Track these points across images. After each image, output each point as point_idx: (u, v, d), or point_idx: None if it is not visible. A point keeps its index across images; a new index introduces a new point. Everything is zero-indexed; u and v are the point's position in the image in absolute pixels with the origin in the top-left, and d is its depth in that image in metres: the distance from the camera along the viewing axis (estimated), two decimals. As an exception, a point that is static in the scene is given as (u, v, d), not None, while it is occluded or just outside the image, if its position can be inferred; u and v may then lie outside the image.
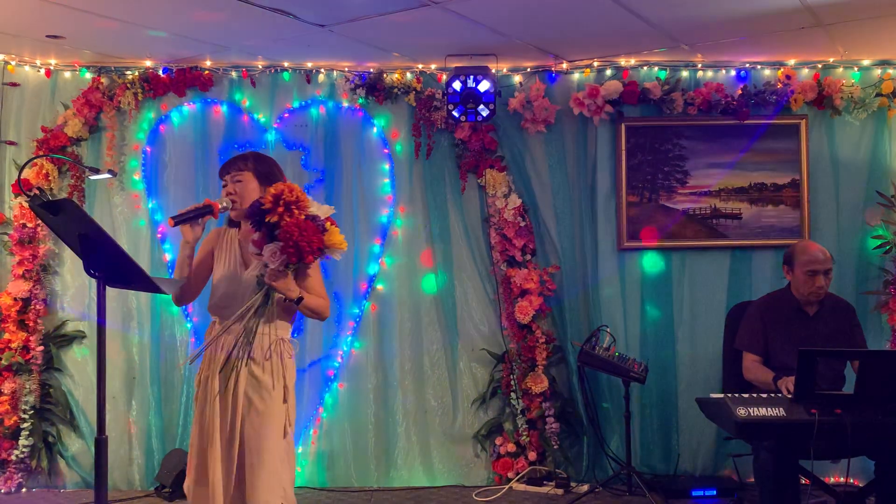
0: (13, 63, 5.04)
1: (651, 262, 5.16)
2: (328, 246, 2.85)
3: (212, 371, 2.97)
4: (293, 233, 2.75)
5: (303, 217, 2.80)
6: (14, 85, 5.06)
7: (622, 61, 5.12)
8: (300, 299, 2.90)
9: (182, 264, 3.07)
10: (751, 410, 3.30)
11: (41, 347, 4.93)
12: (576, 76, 5.20)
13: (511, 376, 5.08)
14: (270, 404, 2.93)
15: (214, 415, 2.93)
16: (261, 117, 5.17)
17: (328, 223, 2.87)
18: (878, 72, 5.09)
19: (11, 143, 5.06)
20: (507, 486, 4.94)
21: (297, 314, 3.07)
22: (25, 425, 4.86)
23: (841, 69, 5.11)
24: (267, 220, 2.79)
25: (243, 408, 2.91)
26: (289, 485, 2.98)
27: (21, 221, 4.94)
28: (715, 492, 4.73)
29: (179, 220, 2.97)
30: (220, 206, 3.03)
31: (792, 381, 3.56)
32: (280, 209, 2.77)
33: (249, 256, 3.00)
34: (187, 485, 3.01)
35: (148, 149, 5.14)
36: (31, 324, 4.91)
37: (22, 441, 4.85)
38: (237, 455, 2.91)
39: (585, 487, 4.87)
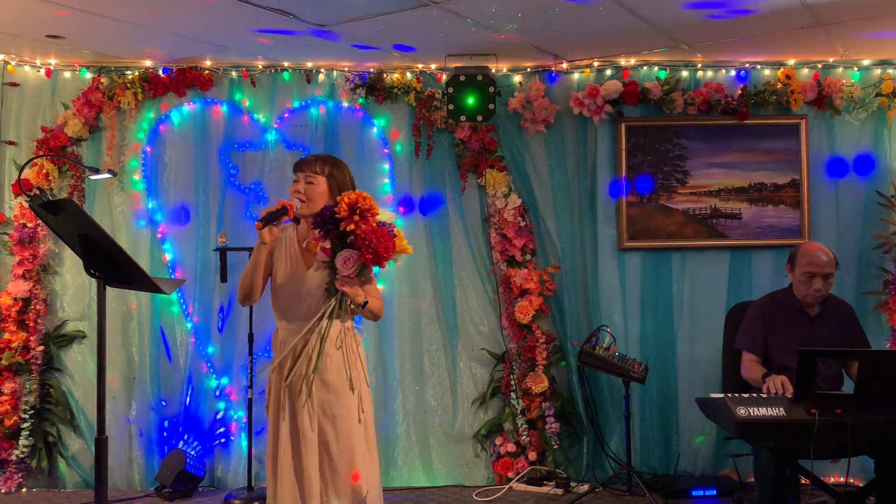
0: (13, 63, 5.04)
1: (651, 262, 5.16)
2: (399, 251, 2.91)
3: (283, 379, 2.98)
4: (372, 240, 2.81)
5: (375, 224, 2.85)
6: (14, 85, 5.06)
7: (622, 61, 5.12)
8: (365, 303, 2.97)
9: (256, 267, 3.05)
10: (751, 410, 3.30)
11: (41, 347, 4.93)
12: (576, 76, 5.20)
13: (511, 376, 5.08)
14: (343, 394, 2.97)
15: (302, 421, 2.94)
16: (261, 117, 5.17)
17: (394, 228, 2.93)
18: (877, 72, 5.09)
19: (11, 143, 5.06)
20: (507, 486, 4.94)
21: None
22: (25, 425, 4.86)
23: (841, 69, 5.11)
24: (342, 227, 2.83)
25: (319, 405, 2.95)
26: (371, 469, 3.02)
27: (21, 221, 4.94)
28: (715, 492, 4.73)
29: (267, 222, 2.93)
30: (294, 207, 3.01)
31: (780, 379, 3.57)
32: (356, 217, 2.83)
33: (308, 256, 3.03)
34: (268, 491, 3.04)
35: (148, 149, 5.14)
36: (31, 324, 4.91)
37: (22, 441, 4.85)
38: (321, 452, 2.95)
39: (585, 487, 4.87)
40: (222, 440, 5.04)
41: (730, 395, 3.44)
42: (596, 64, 5.16)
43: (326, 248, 2.90)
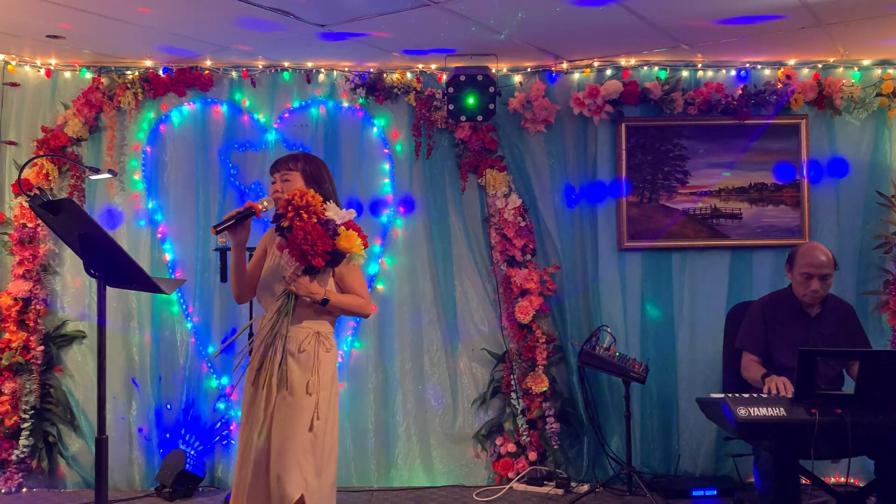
0: (13, 63, 5.04)
1: (651, 262, 5.16)
2: (340, 249, 2.88)
3: (254, 365, 3.05)
4: (298, 236, 2.81)
5: (314, 221, 2.84)
6: (14, 85, 5.06)
7: (622, 61, 5.12)
8: (325, 301, 2.98)
9: (234, 268, 3.13)
10: (751, 410, 3.30)
11: (41, 347, 4.93)
12: (576, 76, 5.20)
13: (511, 376, 5.08)
14: (298, 397, 2.97)
15: (257, 407, 2.99)
16: (261, 117, 5.17)
17: (343, 227, 2.90)
18: (878, 72, 5.09)
19: (11, 143, 5.06)
20: (507, 487, 4.94)
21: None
22: (26, 425, 4.86)
23: (841, 69, 5.11)
24: (280, 224, 2.86)
25: (275, 400, 2.97)
26: (312, 476, 2.96)
27: (21, 221, 4.94)
28: (715, 492, 4.73)
29: (221, 227, 2.99)
30: (261, 207, 3.06)
31: (780, 380, 3.57)
32: (290, 214, 2.83)
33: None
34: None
35: (148, 149, 5.15)
36: (32, 324, 4.91)
37: (22, 441, 4.85)
38: (266, 444, 2.97)
39: (586, 487, 4.87)
40: (222, 440, 5.04)
41: (730, 395, 3.44)
42: (596, 64, 5.15)
43: (279, 245, 2.95)
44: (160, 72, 5.07)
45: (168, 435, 5.04)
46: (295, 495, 2.88)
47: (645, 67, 5.14)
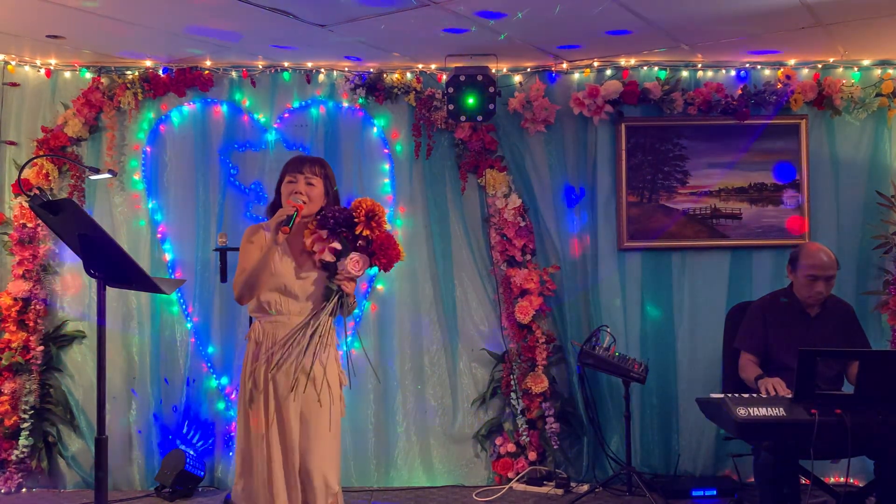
0: (13, 63, 5.04)
1: (651, 262, 5.16)
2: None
3: (272, 371, 3.02)
4: (387, 246, 2.99)
5: (385, 231, 3.03)
6: (14, 85, 5.06)
7: (622, 61, 5.12)
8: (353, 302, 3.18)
9: (258, 269, 3.07)
10: (751, 410, 3.30)
11: (41, 347, 4.92)
12: (576, 76, 5.20)
13: (511, 376, 5.08)
14: (333, 390, 3.10)
15: (286, 405, 3.01)
16: (261, 117, 5.17)
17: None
18: (878, 72, 5.09)
19: (11, 143, 5.06)
20: (507, 486, 4.94)
21: None
22: (25, 425, 4.86)
23: (841, 69, 5.11)
24: (358, 232, 2.98)
25: (307, 400, 3.03)
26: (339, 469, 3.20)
27: (21, 221, 4.94)
28: (715, 492, 4.73)
29: (291, 224, 2.99)
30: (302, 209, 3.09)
31: (774, 382, 3.58)
32: (373, 224, 2.98)
33: (299, 254, 3.11)
34: (237, 488, 3.07)
35: (148, 149, 5.15)
36: (31, 324, 4.91)
37: (22, 441, 4.85)
38: (297, 448, 3.02)
39: (585, 487, 4.87)
40: (222, 440, 5.04)
41: (730, 395, 3.44)
42: (596, 64, 5.15)
43: (336, 248, 3.00)
44: (160, 72, 5.07)
45: (169, 435, 5.04)
46: (335, 488, 3.04)
47: (645, 67, 5.14)
